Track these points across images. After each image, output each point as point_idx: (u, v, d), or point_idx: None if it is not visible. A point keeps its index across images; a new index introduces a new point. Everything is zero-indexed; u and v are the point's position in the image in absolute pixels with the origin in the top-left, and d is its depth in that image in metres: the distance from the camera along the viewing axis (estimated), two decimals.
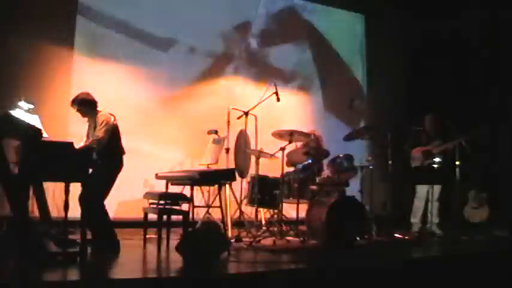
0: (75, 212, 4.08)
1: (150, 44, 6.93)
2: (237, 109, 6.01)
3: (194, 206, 4.99)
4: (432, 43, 8.29)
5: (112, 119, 4.58)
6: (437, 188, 6.22)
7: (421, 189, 6.35)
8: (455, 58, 7.97)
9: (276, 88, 5.96)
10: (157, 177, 5.54)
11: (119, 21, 6.75)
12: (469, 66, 7.82)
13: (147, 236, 4.86)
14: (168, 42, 7.06)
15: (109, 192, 4.52)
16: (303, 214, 5.46)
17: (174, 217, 4.69)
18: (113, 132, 4.56)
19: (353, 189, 5.94)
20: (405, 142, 6.48)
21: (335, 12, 8.54)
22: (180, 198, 4.79)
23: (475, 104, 7.43)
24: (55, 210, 4.91)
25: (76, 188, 4.04)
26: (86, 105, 4.61)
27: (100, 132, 4.43)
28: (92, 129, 4.62)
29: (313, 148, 5.88)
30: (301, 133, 5.57)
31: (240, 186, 5.97)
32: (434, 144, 6.29)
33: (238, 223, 5.77)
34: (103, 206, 4.50)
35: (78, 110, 4.63)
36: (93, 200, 4.35)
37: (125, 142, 4.70)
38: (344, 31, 8.61)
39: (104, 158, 4.41)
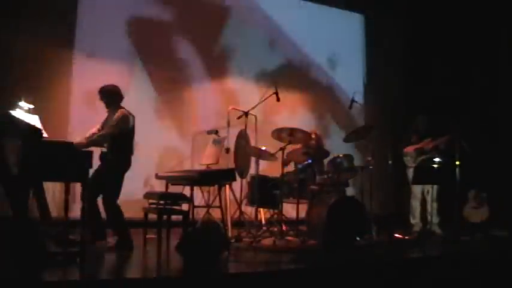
0: (75, 212, 4.07)
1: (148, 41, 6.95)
2: (237, 109, 6.00)
3: (194, 206, 4.99)
4: (432, 43, 8.28)
5: (131, 118, 4.69)
6: (434, 188, 6.24)
7: (416, 189, 6.40)
8: (455, 58, 7.96)
9: (276, 88, 5.95)
10: (157, 177, 5.54)
11: (118, 21, 6.76)
12: (468, 66, 7.81)
13: (147, 236, 4.86)
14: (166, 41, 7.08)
15: (120, 190, 4.63)
16: (303, 214, 5.45)
17: (174, 217, 4.69)
18: (128, 132, 4.67)
19: (353, 189, 5.94)
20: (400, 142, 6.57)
21: (335, 12, 8.55)
22: (180, 198, 4.78)
23: (474, 103, 7.42)
24: (55, 210, 4.91)
25: (76, 188, 4.04)
26: (110, 97, 4.76)
27: (109, 128, 4.56)
28: (107, 122, 4.73)
29: (313, 148, 5.87)
30: (301, 132, 5.56)
31: (240, 186, 5.97)
32: (425, 141, 6.37)
33: (238, 223, 5.76)
34: (117, 205, 4.63)
35: (101, 99, 4.78)
36: (111, 200, 4.51)
37: None
38: (344, 31, 8.61)
39: (114, 154, 4.54)
